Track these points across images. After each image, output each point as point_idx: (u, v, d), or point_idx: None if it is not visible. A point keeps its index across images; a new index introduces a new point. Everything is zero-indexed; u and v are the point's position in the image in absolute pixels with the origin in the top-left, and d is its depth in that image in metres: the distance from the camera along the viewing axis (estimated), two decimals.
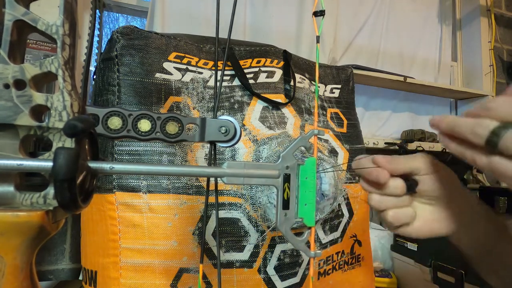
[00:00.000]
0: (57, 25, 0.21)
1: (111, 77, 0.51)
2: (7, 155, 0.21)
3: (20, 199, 0.21)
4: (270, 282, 0.53)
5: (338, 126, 0.72)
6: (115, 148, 0.48)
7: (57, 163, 0.18)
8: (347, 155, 0.69)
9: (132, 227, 0.48)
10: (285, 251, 0.55)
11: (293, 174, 0.24)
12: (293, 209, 0.25)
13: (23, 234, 0.20)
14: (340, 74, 0.78)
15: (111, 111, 0.23)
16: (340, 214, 0.65)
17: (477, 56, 1.51)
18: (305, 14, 1.17)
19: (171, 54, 0.55)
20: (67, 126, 0.19)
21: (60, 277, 0.78)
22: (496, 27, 1.50)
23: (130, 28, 0.52)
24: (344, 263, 0.66)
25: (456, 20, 1.57)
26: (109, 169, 0.21)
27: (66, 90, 0.21)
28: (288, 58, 0.67)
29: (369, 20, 1.32)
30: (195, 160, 0.52)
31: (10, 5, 0.20)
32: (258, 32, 1.12)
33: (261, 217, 0.52)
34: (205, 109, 0.55)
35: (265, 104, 0.60)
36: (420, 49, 1.44)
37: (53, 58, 0.21)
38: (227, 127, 0.25)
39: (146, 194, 0.48)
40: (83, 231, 0.55)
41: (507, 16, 1.61)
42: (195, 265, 0.49)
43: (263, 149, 0.54)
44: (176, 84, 0.54)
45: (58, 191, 0.18)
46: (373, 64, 1.28)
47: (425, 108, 1.48)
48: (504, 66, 1.57)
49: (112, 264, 0.48)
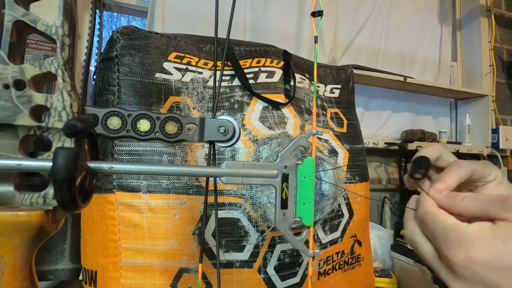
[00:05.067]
0: (57, 25, 0.21)
1: (111, 77, 0.51)
2: (6, 155, 0.21)
3: (20, 199, 0.21)
4: (270, 282, 0.53)
5: (338, 126, 0.72)
6: (115, 148, 0.49)
7: (57, 163, 0.18)
8: (347, 155, 0.69)
9: (132, 227, 0.48)
10: (285, 251, 0.55)
11: (291, 174, 0.25)
12: (292, 209, 0.25)
13: (23, 234, 0.20)
14: (340, 74, 0.78)
15: (111, 111, 0.23)
16: (340, 214, 0.65)
17: (477, 56, 1.51)
18: (305, 14, 1.17)
19: (171, 54, 0.56)
20: (67, 126, 0.19)
21: (60, 277, 0.79)
22: (496, 27, 1.50)
23: (130, 28, 0.52)
24: (344, 263, 0.66)
25: (456, 20, 1.57)
26: (108, 169, 0.21)
27: (66, 90, 0.21)
28: (288, 58, 0.67)
29: (369, 20, 1.32)
30: (195, 160, 0.52)
31: (10, 6, 0.20)
32: (258, 32, 1.12)
33: (261, 217, 0.52)
34: (205, 109, 0.55)
35: (265, 104, 0.60)
36: (420, 49, 1.44)
37: (53, 58, 0.21)
38: (226, 127, 0.25)
39: (146, 194, 0.48)
40: (83, 231, 0.55)
41: (507, 16, 1.61)
42: (195, 265, 0.49)
43: (263, 149, 0.54)
44: (176, 84, 0.54)
45: (58, 191, 0.18)
46: (373, 64, 1.28)
47: (425, 108, 1.48)
48: (504, 66, 1.57)
49: (112, 264, 0.48)
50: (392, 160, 1.31)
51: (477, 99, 1.47)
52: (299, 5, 1.18)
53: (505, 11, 1.61)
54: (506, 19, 1.60)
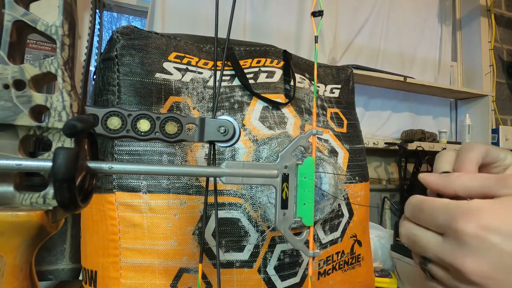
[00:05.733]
0: (57, 25, 0.21)
1: (111, 77, 0.51)
2: (6, 155, 0.21)
3: (20, 199, 0.21)
4: (270, 282, 0.53)
5: (338, 126, 0.72)
6: (115, 148, 0.49)
7: (57, 163, 0.18)
8: (347, 155, 0.69)
9: (132, 227, 0.48)
10: (285, 251, 0.55)
11: (291, 174, 0.25)
12: (292, 209, 0.25)
13: (23, 234, 0.20)
14: (340, 74, 0.78)
15: (110, 111, 0.23)
16: (340, 214, 0.65)
17: (477, 56, 1.51)
18: (305, 14, 1.17)
19: (171, 54, 0.56)
20: (67, 126, 0.19)
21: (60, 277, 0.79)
22: (496, 27, 1.50)
23: (130, 28, 0.52)
24: (344, 263, 0.66)
25: (456, 20, 1.57)
26: (108, 169, 0.21)
27: (66, 90, 0.21)
28: (288, 58, 0.67)
29: (369, 20, 1.32)
30: (195, 160, 0.52)
31: (10, 5, 0.20)
32: (258, 32, 1.12)
33: (261, 217, 0.52)
34: (205, 109, 0.55)
35: (265, 104, 0.60)
36: (420, 49, 1.44)
37: (53, 58, 0.21)
38: (226, 127, 0.25)
39: (146, 194, 0.48)
40: (83, 231, 0.55)
41: (507, 16, 1.61)
42: (195, 265, 0.49)
43: (263, 149, 0.54)
44: (176, 84, 0.54)
45: (58, 191, 0.18)
46: (373, 64, 1.28)
47: (425, 108, 1.48)
48: (504, 66, 1.57)
49: (112, 264, 0.48)
50: (392, 160, 1.31)
51: (477, 99, 1.47)
52: (299, 5, 1.18)
53: (505, 11, 1.61)
54: (506, 19, 1.60)
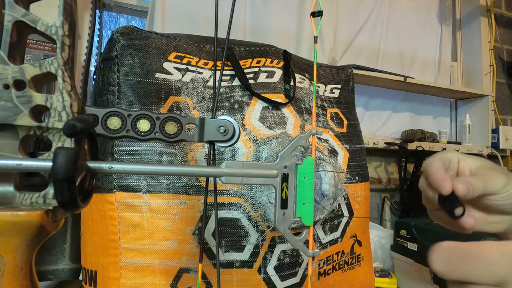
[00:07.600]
0: (57, 26, 0.21)
1: (111, 77, 0.51)
2: (6, 155, 0.21)
3: (20, 199, 0.21)
4: (270, 282, 0.53)
5: (338, 126, 0.72)
6: (115, 148, 0.49)
7: (57, 163, 0.18)
8: (347, 155, 0.69)
9: (132, 227, 0.48)
10: (285, 251, 0.55)
11: (291, 174, 0.25)
12: (291, 209, 0.25)
13: (23, 234, 0.20)
14: (340, 74, 0.78)
15: (110, 111, 0.23)
16: (340, 214, 0.65)
17: (477, 56, 1.50)
18: (305, 14, 1.17)
19: (171, 54, 0.56)
20: (67, 126, 0.19)
21: (60, 277, 0.78)
22: (496, 27, 1.50)
23: (130, 28, 0.53)
24: (344, 263, 0.66)
25: (456, 20, 1.57)
26: (108, 169, 0.22)
27: (66, 90, 0.21)
28: (288, 58, 0.67)
29: (369, 20, 1.32)
30: (195, 160, 0.52)
31: (10, 6, 0.20)
32: (258, 32, 1.12)
33: (261, 217, 0.52)
34: (205, 109, 0.55)
35: (265, 104, 0.60)
36: (420, 49, 1.44)
37: (53, 58, 0.21)
38: (226, 127, 0.25)
39: (146, 194, 0.48)
40: (83, 231, 0.55)
41: (507, 16, 1.61)
42: (195, 265, 0.49)
43: (263, 149, 0.54)
44: (176, 84, 0.54)
45: (58, 191, 0.18)
46: (373, 64, 1.28)
47: (425, 108, 1.48)
48: (504, 66, 1.57)
49: (112, 264, 0.48)
50: (392, 160, 1.31)
51: (477, 99, 1.47)
52: (299, 5, 1.18)
53: (505, 11, 1.61)
54: (506, 19, 1.60)
